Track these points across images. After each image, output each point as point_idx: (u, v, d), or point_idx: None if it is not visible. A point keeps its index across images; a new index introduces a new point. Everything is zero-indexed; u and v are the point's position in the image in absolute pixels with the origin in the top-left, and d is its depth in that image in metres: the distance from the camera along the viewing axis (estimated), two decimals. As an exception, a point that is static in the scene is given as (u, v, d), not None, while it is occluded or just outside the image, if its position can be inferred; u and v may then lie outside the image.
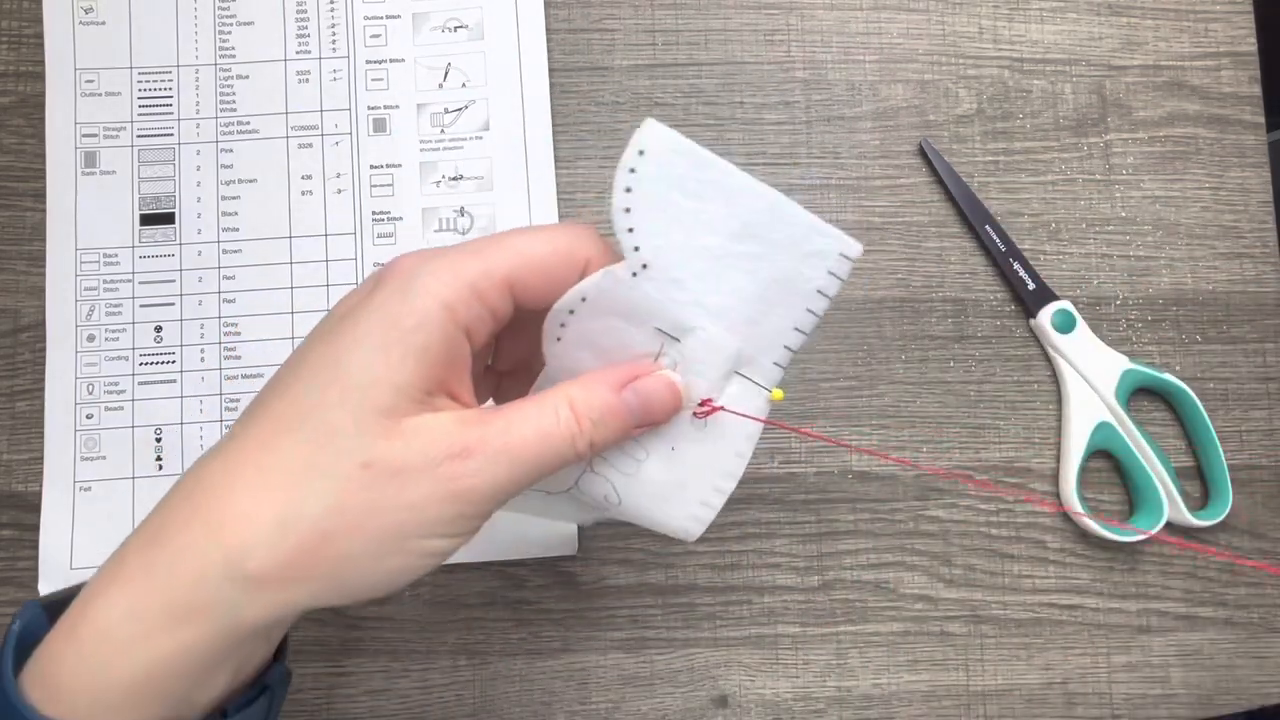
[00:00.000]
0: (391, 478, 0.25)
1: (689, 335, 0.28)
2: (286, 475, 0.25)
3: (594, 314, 0.27)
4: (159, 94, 0.45)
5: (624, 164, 0.27)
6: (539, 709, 0.42)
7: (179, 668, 0.25)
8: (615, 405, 0.27)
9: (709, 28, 0.46)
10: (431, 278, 0.26)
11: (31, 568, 0.42)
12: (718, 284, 0.27)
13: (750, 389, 0.29)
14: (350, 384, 0.25)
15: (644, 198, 0.27)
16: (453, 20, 0.46)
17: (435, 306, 0.25)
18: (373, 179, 0.45)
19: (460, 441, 0.25)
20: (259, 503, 0.25)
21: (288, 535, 0.25)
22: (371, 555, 0.25)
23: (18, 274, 0.44)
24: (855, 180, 0.45)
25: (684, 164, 0.27)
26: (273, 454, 0.25)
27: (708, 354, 0.28)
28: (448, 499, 0.25)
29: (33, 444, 0.43)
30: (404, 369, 0.25)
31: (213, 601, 0.25)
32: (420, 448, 0.25)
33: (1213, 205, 0.46)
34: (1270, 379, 0.45)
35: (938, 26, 0.47)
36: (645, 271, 0.27)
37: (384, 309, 0.26)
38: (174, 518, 0.26)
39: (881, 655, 0.43)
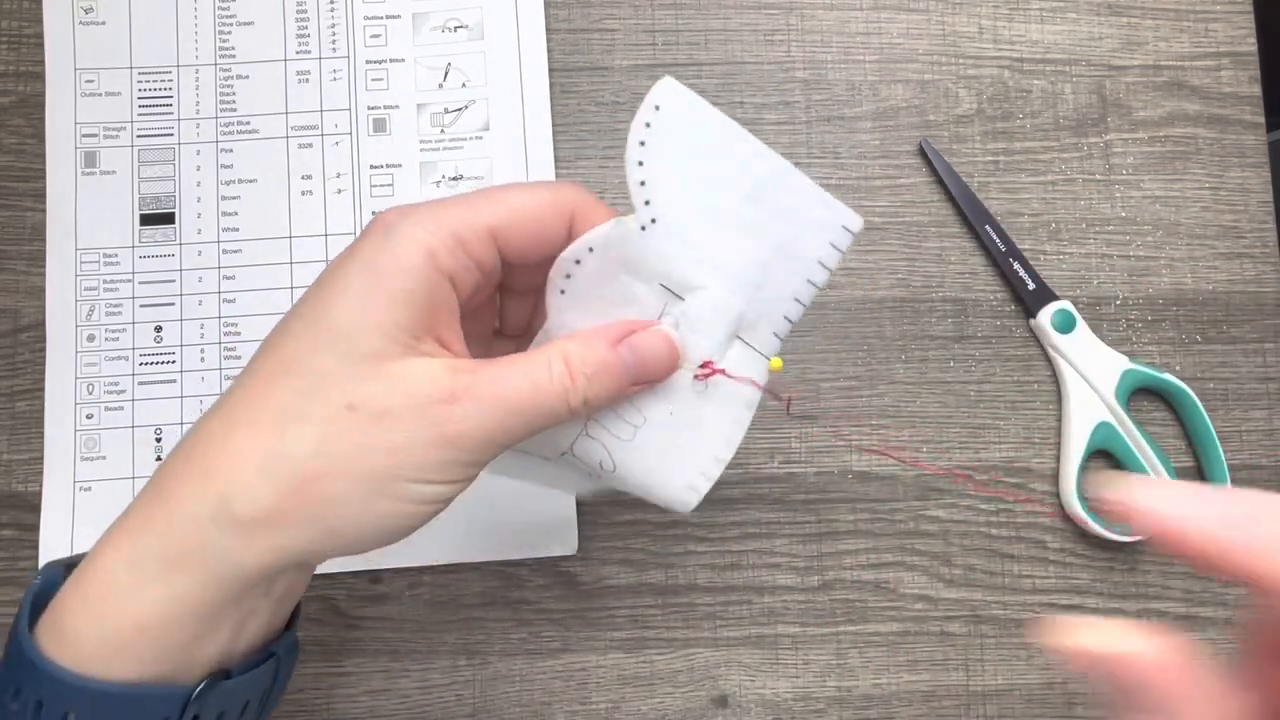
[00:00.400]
0: (377, 419, 0.25)
1: (693, 294, 0.28)
2: (273, 421, 0.25)
3: (600, 265, 0.27)
4: (159, 94, 0.45)
5: (639, 118, 0.27)
6: (539, 709, 0.42)
7: (174, 614, 0.25)
8: (610, 360, 0.27)
9: (709, 28, 0.46)
10: (414, 225, 0.26)
11: (32, 568, 0.42)
12: (724, 245, 0.27)
13: (750, 355, 0.28)
14: (335, 330, 0.25)
15: (658, 153, 0.27)
16: (453, 20, 0.46)
17: (417, 251, 0.25)
18: (373, 179, 0.45)
19: (448, 386, 0.25)
20: (246, 449, 0.25)
21: (272, 478, 0.25)
22: (359, 498, 0.25)
23: (18, 274, 0.44)
24: (855, 180, 0.45)
25: (699, 123, 0.27)
26: (262, 402, 0.26)
27: (712, 313, 0.28)
28: (436, 443, 0.25)
29: (33, 444, 0.43)
30: (388, 313, 0.25)
31: (204, 547, 0.25)
32: (405, 390, 0.25)
33: (1213, 205, 0.46)
34: (1270, 379, 0.45)
35: (938, 26, 0.47)
36: (654, 226, 0.27)
37: (367, 257, 0.26)
38: (174, 470, 0.26)
39: (881, 655, 0.43)
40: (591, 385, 0.26)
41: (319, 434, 0.25)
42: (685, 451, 0.29)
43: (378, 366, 0.25)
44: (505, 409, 0.26)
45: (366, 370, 0.25)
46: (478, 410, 0.25)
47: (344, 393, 0.25)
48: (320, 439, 0.25)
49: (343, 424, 0.25)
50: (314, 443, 0.25)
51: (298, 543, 0.25)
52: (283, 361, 0.26)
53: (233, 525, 0.25)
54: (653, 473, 0.29)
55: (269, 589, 0.27)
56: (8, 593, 0.42)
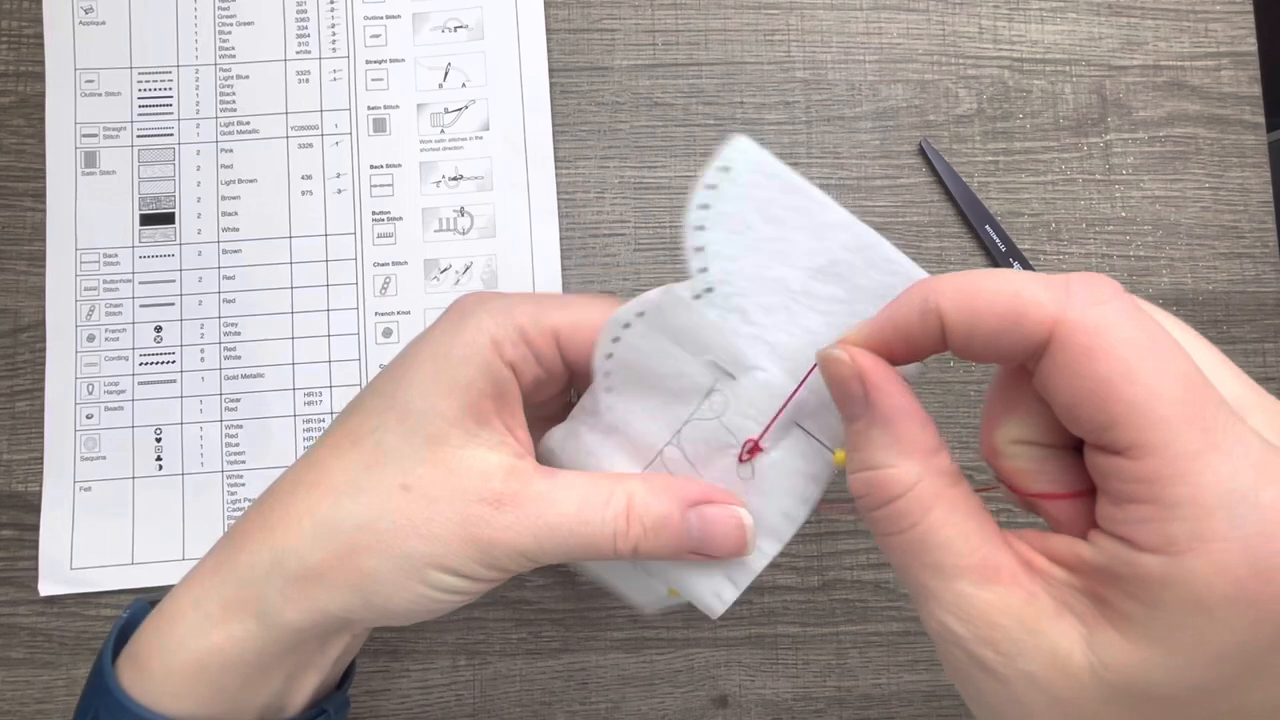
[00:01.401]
0: (426, 504, 0.26)
1: (746, 373, 0.25)
2: (332, 488, 0.27)
3: (648, 333, 0.26)
4: (159, 94, 0.45)
5: (704, 179, 0.25)
6: (539, 709, 0.42)
7: (229, 659, 0.27)
8: (675, 522, 0.26)
9: (709, 28, 0.46)
10: (485, 315, 0.27)
11: (31, 568, 0.42)
12: (788, 322, 0.25)
13: (811, 447, 0.26)
14: (404, 410, 0.26)
15: (720, 217, 0.25)
16: (453, 20, 0.46)
17: (485, 341, 0.26)
18: (373, 179, 0.45)
19: (496, 490, 0.26)
20: (303, 511, 0.26)
21: (321, 542, 0.26)
22: (393, 577, 0.26)
23: (18, 274, 0.44)
24: (855, 180, 0.45)
25: (772, 188, 0.25)
26: (329, 469, 0.27)
27: (765, 397, 0.25)
28: (467, 541, 0.25)
29: (33, 444, 0.43)
30: (452, 399, 0.26)
31: (257, 598, 0.26)
32: (457, 482, 0.26)
33: (1213, 205, 0.46)
34: (1270, 379, 0.45)
35: (938, 26, 0.47)
36: (709, 295, 0.25)
37: (439, 341, 0.27)
38: (247, 520, 0.28)
39: (881, 655, 0.43)
40: (647, 538, 0.26)
41: (370, 508, 0.26)
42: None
43: (436, 451, 0.26)
44: (546, 529, 0.26)
45: (426, 453, 0.26)
46: (517, 523, 0.26)
47: (401, 471, 0.26)
48: (370, 513, 0.26)
49: (393, 503, 0.26)
50: (363, 516, 0.26)
51: (335, 606, 0.26)
52: (353, 433, 0.27)
53: (283, 580, 0.26)
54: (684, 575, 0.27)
55: (321, 647, 0.28)
56: (7, 593, 0.42)
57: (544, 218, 0.44)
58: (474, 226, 0.44)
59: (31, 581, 0.42)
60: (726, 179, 0.25)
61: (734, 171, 0.25)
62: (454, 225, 0.44)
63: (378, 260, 0.44)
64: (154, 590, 0.42)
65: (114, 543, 0.42)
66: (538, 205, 0.45)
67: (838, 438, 0.26)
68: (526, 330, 0.27)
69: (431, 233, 0.44)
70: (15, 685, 0.41)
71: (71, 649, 0.42)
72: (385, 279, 0.44)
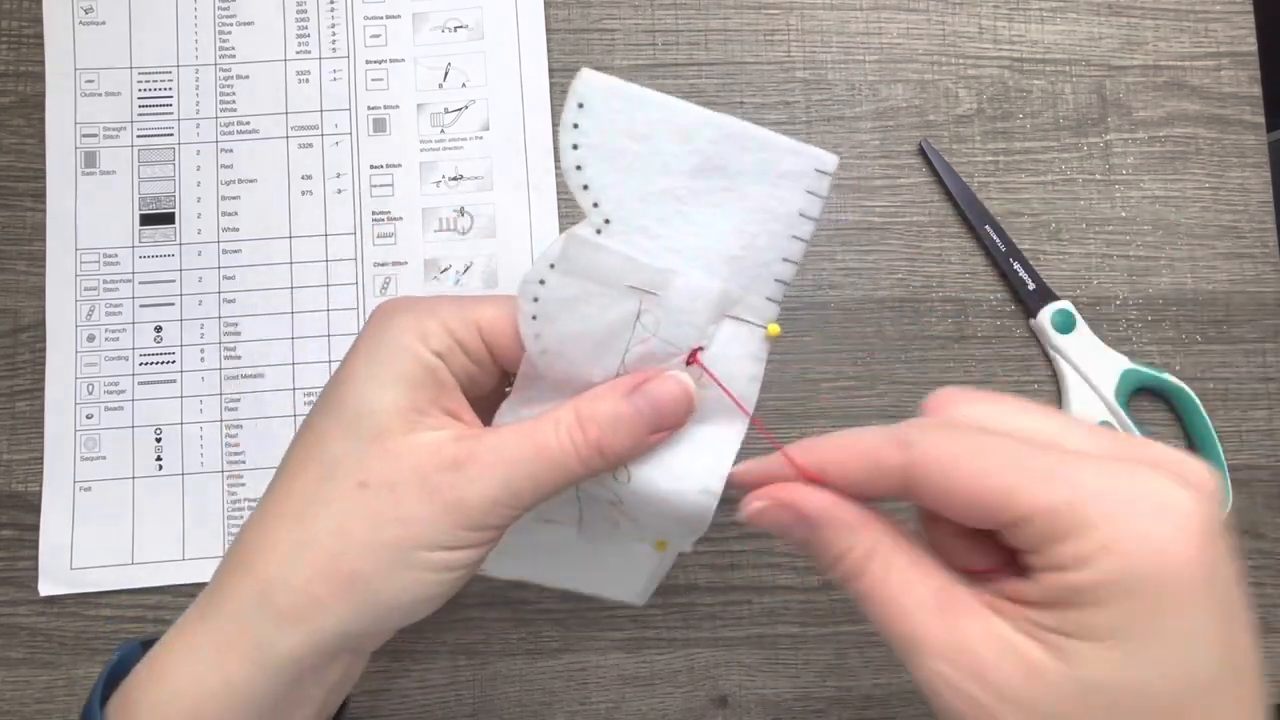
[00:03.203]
0: (387, 493, 0.26)
1: (666, 286, 0.26)
2: (298, 509, 0.27)
3: (564, 281, 0.27)
4: (159, 94, 0.45)
5: (566, 121, 0.26)
6: (539, 709, 0.42)
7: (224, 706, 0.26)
8: (624, 411, 0.27)
9: (709, 28, 0.46)
10: (406, 313, 0.28)
11: (31, 568, 0.42)
12: (686, 225, 0.26)
13: (744, 329, 0.27)
14: (344, 416, 0.27)
15: (593, 150, 0.26)
16: (453, 20, 0.46)
17: (410, 336, 0.27)
18: (373, 179, 0.45)
19: (450, 454, 0.26)
20: (277, 539, 0.27)
21: (301, 563, 0.26)
22: (381, 571, 0.26)
23: (18, 274, 0.44)
24: (855, 180, 0.45)
25: (629, 108, 0.26)
26: (289, 493, 0.27)
27: (690, 301, 0.27)
28: (441, 510, 0.26)
29: (33, 444, 0.43)
30: (389, 393, 0.27)
31: (250, 636, 0.26)
32: (409, 462, 0.26)
33: (1213, 205, 0.46)
34: (1270, 379, 0.45)
35: (938, 26, 0.47)
36: (608, 227, 0.26)
37: (368, 345, 0.28)
38: (225, 564, 0.28)
39: (881, 655, 0.43)
40: (606, 436, 0.27)
41: (337, 514, 0.26)
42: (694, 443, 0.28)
43: (384, 444, 0.26)
44: (509, 470, 0.26)
45: (374, 448, 0.26)
46: (480, 474, 0.26)
47: (355, 472, 0.26)
48: (339, 519, 0.26)
49: (357, 502, 0.26)
50: (334, 522, 0.26)
51: (332, 623, 0.26)
52: (305, 451, 0.28)
53: (274, 614, 0.26)
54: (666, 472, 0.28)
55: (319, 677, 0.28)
56: (7, 593, 0.42)
57: (544, 218, 0.44)
58: (474, 226, 0.44)
59: (31, 581, 0.42)
60: (584, 115, 0.26)
61: (590, 104, 0.25)
62: (454, 225, 0.44)
63: (378, 260, 0.44)
64: (153, 591, 0.42)
65: (114, 543, 0.42)
66: (538, 205, 0.45)
67: (765, 314, 0.27)
68: (449, 324, 0.27)
69: (431, 233, 0.44)
70: (15, 685, 0.41)
71: (71, 649, 0.42)
72: (385, 279, 0.44)
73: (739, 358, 0.27)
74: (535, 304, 0.27)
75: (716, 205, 0.26)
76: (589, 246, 0.26)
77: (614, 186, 0.26)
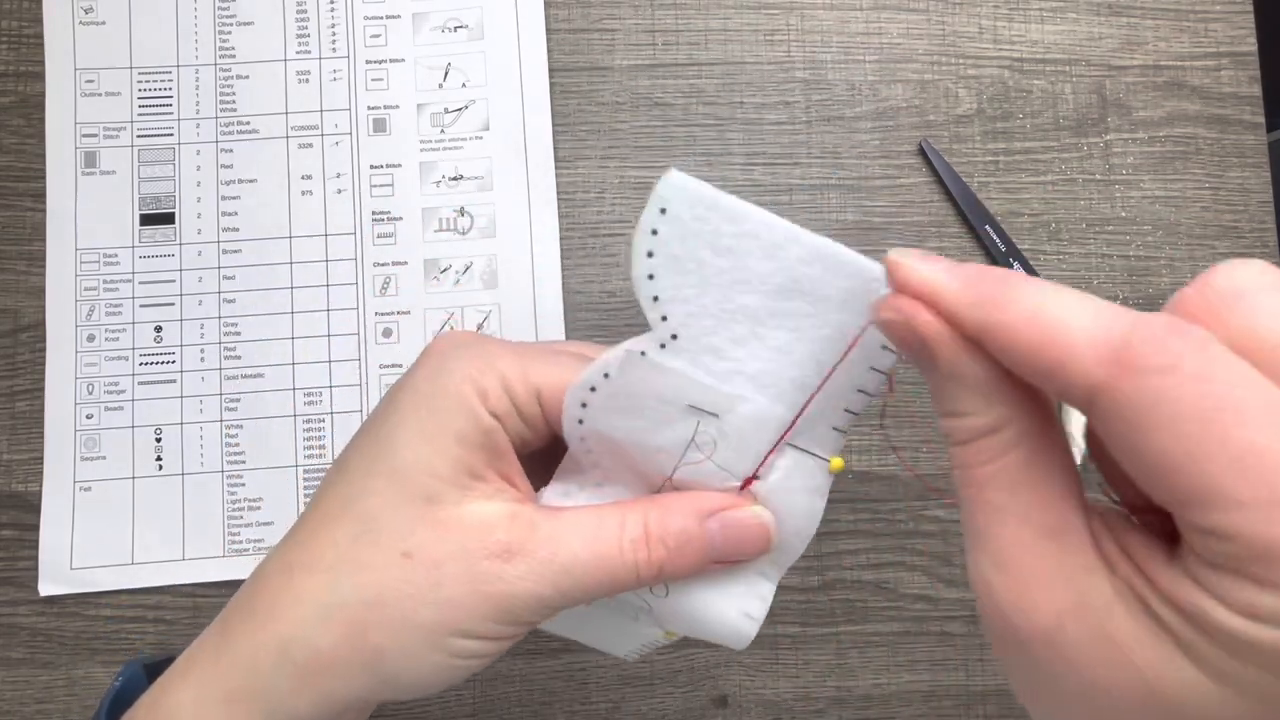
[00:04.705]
0: (431, 569, 0.24)
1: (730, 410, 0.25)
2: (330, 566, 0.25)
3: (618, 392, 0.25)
4: (159, 94, 0.45)
5: (644, 226, 0.23)
6: (539, 709, 0.42)
7: None
8: (695, 535, 0.25)
9: (709, 28, 0.46)
10: (466, 362, 0.25)
11: (31, 568, 0.42)
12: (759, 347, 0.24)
13: (807, 461, 0.25)
14: (390, 472, 0.25)
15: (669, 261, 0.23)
16: (453, 20, 0.46)
17: (470, 390, 0.25)
18: (373, 179, 0.45)
19: (502, 541, 0.24)
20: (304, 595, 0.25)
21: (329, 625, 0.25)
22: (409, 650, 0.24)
23: (18, 274, 0.44)
24: (855, 180, 0.45)
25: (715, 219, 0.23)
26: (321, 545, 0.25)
27: (754, 429, 0.25)
28: (482, 600, 0.24)
29: (33, 444, 0.43)
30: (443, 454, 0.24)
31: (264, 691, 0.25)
32: (459, 541, 0.24)
33: (1213, 205, 0.46)
34: (1270, 379, 0.45)
35: (938, 26, 0.47)
36: (675, 342, 0.24)
37: (422, 391, 0.25)
38: (238, 608, 0.26)
39: (881, 655, 0.43)
40: (672, 557, 0.25)
41: (373, 583, 0.24)
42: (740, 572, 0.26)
43: (433, 511, 0.24)
44: (563, 572, 0.24)
45: (422, 514, 0.24)
46: (530, 571, 0.24)
47: (399, 538, 0.24)
48: (374, 589, 0.24)
49: (398, 573, 0.24)
50: (371, 591, 0.24)
51: (349, 690, 0.25)
52: (339, 502, 0.26)
53: (292, 671, 0.25)
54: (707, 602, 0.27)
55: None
56: (7, 593, 0.42)
57: (544, 218, 0.44)
58: (474, 226, 0.44)
59: (31, 581, 0.42)
60: (666, 221, 0.23)
61: (673, 210, 0.23)
62: (454, 225, 0.44)
63: (378, 260, 0.44)
64: (153, 591, 0.42)
65: (114, 543, 0.42)
66: (538, 205, 0.45)
67: (830, 446, 0.25)
68: (510, 383, 0.25)
69: (431, 233, 0.44)
70: (15, 685, 0.41)
71: (71, 649, 0.42)
72: (385, 279, 0.44)
73: (800, 491, 0.26)
74: (582, 409, 0.25)
75: (794, 330, 0.24)
76: (651, 363, 0.24)
77: (687, 301, 0.24)
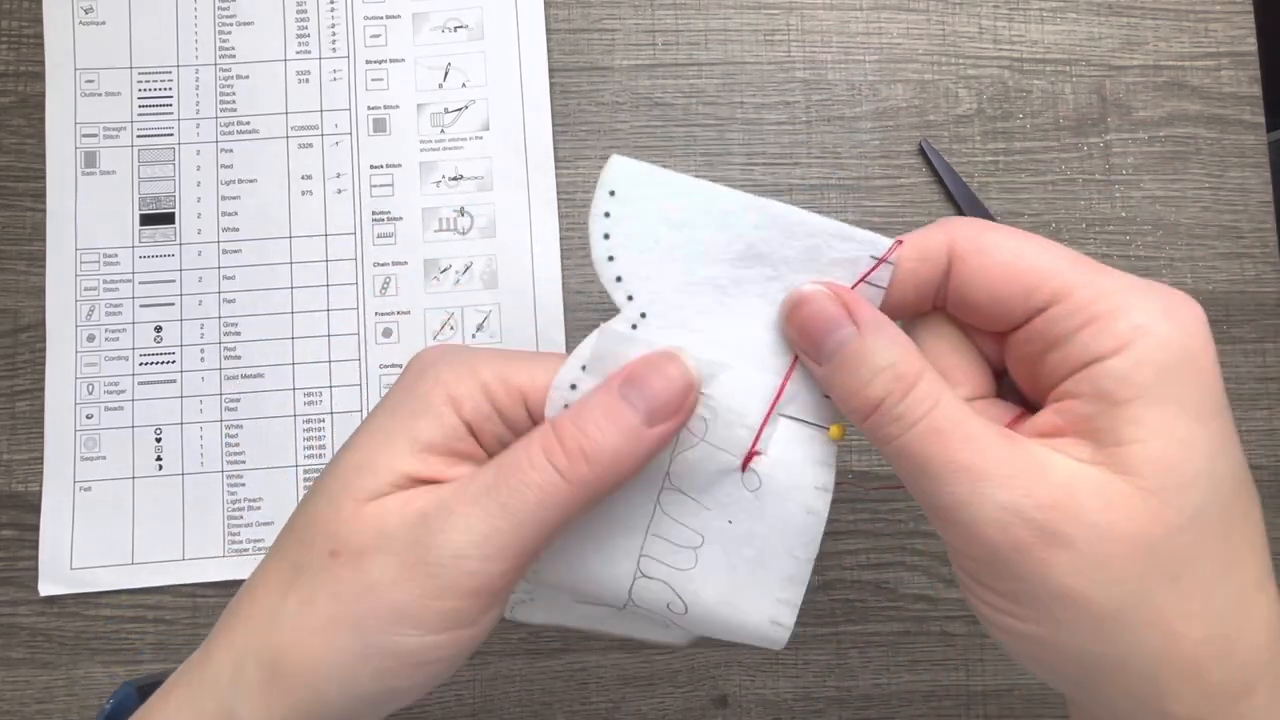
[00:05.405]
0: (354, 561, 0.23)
1: (713, 381, 0.24)
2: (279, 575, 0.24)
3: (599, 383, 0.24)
4: (159, 94, 0.45)
5: (596, 210, 0.24)
6: (539, 709, 0.42)
7: None
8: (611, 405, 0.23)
9: (709, 28, 0.46)
10: (446, 369, 0.24)
11: (31, 568, 0.42)
12: (729, 317, 0.24)
13: (804, 431, 0.25)
14: (337, 474, 0.24)
15: (626, 240, 0.24)
16: (453, 20, 0.46)
17: (439, 395, 0.24)
18: (373, 179, 0.45)
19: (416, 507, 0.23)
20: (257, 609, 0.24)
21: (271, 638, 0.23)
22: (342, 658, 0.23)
23: (18, 274, 0.44)
24: (855, 180, 0.45)
25: (663, 195, 0.24)
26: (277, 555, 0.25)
27: (741, 398, 0.24)
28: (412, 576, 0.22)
29: (33, 444, 0.43)
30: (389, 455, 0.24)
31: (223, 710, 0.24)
32: (377, 524, 0.23)
33: (1213, 205, 0.46)
34: (1270, 379, 0.45)
35: (938, 26, 0.47)
36: (645, 321, 0.24)
37: (396, 398, 0.25)
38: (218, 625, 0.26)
39: (881, 655, 0.43)
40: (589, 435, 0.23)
41: (308, 586, 0.23)
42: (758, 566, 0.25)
43: (361, 507, 0.23)
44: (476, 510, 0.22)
45: (351, 511, 0.23)
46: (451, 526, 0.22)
47: (328, 538, 0.23)
48: (308, 592, 0.23)
49: (325, 573, 0.23)
50: (302, 594, 0.23)
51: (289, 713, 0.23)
52: (299, 510, 0.25)
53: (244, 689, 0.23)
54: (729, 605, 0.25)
55: None
56: (7, 593, 0.42)
57: (544, 218, 0.44)
58: (474, 226, 0.44)
59: (31, 581, 0.42)
60: (616, 202, 0.24)
61: (621, 192, 0.24)
62: (454, 225, 0.44)
63: (378, 260, 0.44)
64: (153, 591, 0.42)
65: (114, 543, 0.42)
66: (538, 205, 0.45)
67: (825, 414, 0.25)
68: (490, 388, 0.24)
69: (431, 233, 0.44)
70: (15, 685, 0.41)
71: (71, 649, 0.42)
72: (385, 279, 0.44)
73: (804, 463, 0.25)
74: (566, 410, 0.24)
75: (761, 295, 0.24)
76: (624, 342, 0.24)
77: (650, 278, 0.24)
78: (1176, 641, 0.21)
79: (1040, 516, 0.21)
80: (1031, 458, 0.21)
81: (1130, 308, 0.22)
